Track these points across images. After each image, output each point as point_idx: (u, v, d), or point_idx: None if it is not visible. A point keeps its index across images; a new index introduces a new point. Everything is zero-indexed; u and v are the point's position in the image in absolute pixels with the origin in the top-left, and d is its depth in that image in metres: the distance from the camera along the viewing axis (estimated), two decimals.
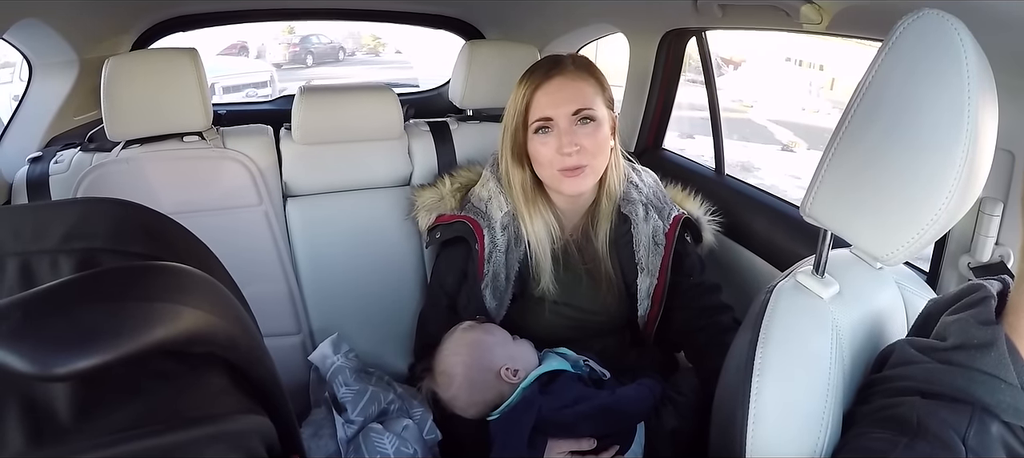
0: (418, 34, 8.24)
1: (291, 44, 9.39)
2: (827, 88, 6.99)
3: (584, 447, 0.92)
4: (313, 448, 1.00)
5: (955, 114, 0.51)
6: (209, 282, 0.36)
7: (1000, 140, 0.57)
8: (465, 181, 1.19)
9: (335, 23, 9.42)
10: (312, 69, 9.12)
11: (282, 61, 9.06)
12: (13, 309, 0.27)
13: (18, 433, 0.28)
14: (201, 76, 1.21)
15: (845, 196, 0.58)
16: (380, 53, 10.47)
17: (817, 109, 6.80)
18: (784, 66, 7.04)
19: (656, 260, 1.07)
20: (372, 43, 10.44)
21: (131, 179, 1.20)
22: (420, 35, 10.14)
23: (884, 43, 0.55)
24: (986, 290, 0.55)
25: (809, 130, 6.19)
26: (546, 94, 0.99)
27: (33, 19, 1.17)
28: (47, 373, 0.26)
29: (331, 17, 2.17)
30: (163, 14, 1.69)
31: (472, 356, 0.99)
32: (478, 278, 1.06)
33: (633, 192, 1.09)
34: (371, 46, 10.49)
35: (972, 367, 0.51)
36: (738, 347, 0.64)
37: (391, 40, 10.42)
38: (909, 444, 0.50)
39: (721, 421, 0.66)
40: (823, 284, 0.62)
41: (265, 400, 0.39)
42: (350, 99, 1.34)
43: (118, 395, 0.30)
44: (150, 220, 0.39)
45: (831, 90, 6.93)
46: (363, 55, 10.25)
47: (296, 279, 1.31)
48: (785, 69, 7.02)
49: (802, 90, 6.99)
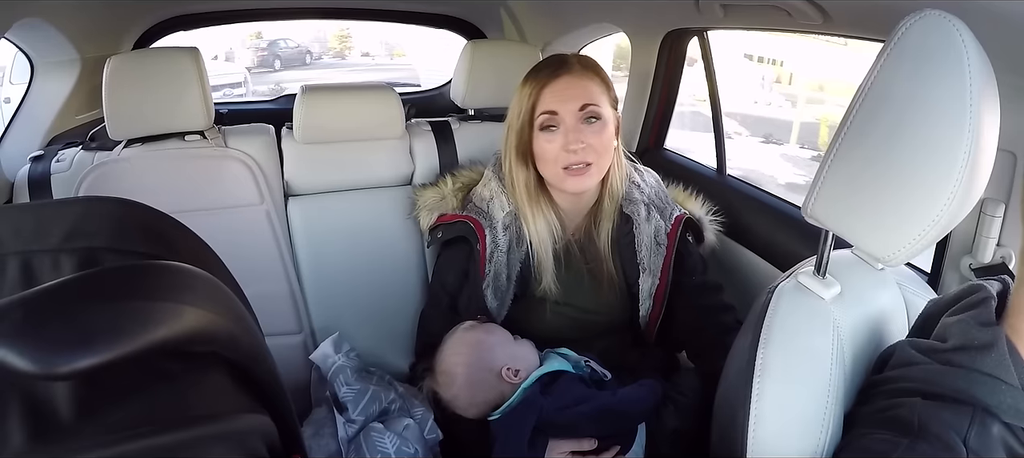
0: (389, 36, 8.25)
1: (259, 48, 9.54)
2: (785, 82, 7.67)
3: (585, 447, 0.92)
4: (314, 447, 1.00)
5: (957, 115, 0.51)
6: (210, 281, 0.36)
7: (1002, 141, 0.56)
8: (467, 181, 1.19)
9: (303, 26, 9.51)
10: (279, 73, 9.30)
11: (251, 65, 9.20)
12: (14, 308, 0.27)
13: (20, 432, 0.28)
14: (202, 75, 1.21)
15: (847, 197, 0.58)
16: (346, 56, 10.72)
17: (769, 102, 7.47)
18: (743, 62, 7.48)
19: (658, 260, 1.07)
20: (339, 46, 10.69)
21: (133, 178, 1.20)
22: (391, 38, 10.21)
23: (886, 44, 0.55)
24: (986, 291, 0.54)
25: (755, 120, 6.82)
26: (553, 92, 1.00)
27: (35, 18, 1.17)
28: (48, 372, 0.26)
29: (333, 16, 2.17)
30: (165, 13, 1.69)
31: (473, 356, 0.99)
32: (479, 278, 1.06)
33: (635, 192, 1.09)
34: (338, 49, 10.71)
35: (973, 368, 0.51)
36: (739, 348, 0.64)
37: (357, 43, 10.78)
38: (910, 445, 0.50)
39: (722, 421, 0.66)
40: (824, 285, 0.62)
41: (266, 399, 0.39)
42: (352, 98, 1.34)
43: (119, 394, 0.30)
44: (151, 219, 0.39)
45: (789, 84, 7.62)
46: (330, 58, 10.48)
47: (297, 278, 1.31)
48: (744, 64, 7.48)
49: (755, 84, 7.57)
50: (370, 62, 10.22)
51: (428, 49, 8.03)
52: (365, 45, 10.63)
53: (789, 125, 7.06)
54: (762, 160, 5.95)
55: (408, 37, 9.17)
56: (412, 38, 8.68)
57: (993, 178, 0.57)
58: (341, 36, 10.26)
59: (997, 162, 0.56)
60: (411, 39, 8.86)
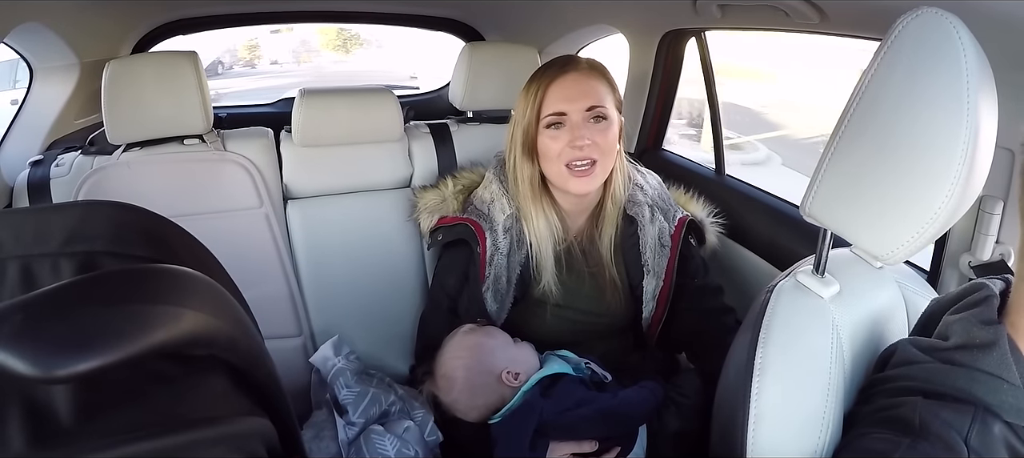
0: (296, 45, 8.49)
1: None
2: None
3: (586, 449, 0.92)
4: (314, 450, 0.99)
5: (954, 112, 0.51)
6: (210, 285, 0.36)
7: (1000, 138, 0.56)
8: (468, 183, 1.19)
9: (214, 38, 10.18)
10: None
11: None
12: (14, 311, 0.27)
13: (19, 435, 0.28)
14: (201, 79, 1.21)
15: (845, 195, 0.58)
16: (256, 65, 11.31)
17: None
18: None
19: (662, 262, 1.07)
20: (248, 56, 11.30)
21: (132, 182, 1.20)
22: (298, 46, 10.67)
23: (883, 42, 0.55)
24: (988, 289, 0.54)
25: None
26: (560, 89, 1.00)
27: (34, 22, 1.18)
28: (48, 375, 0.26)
29: (330, 19, 2.18)
30: (163, 17, 1.70)
31: (473, 359, 0.99)
32: (479, 281, 1.06)
33: (639, 194, 1.09)
34: (247, 58, 11.30)
35: (974, 367, 0.51)
36: (738, 347, 0.64)
37: (266, 52, 11.56)
38: (911, 445, 0.50)
39: (722, 422, 0.65)
40: (823, 283, 0.62)
41: (266, 402, 0.39)
42: (350, 101, 1.34)
43: (119, 397, 0.30)
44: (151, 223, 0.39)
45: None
46: (240, 68, 11.07)
47: (297, 281, 1.31)
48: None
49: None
50: (278, 69, 11.03)
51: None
52: (273, 54, 11.58)
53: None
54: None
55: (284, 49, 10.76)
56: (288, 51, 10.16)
57: (991, 175, 0.57)
58: (250, 47, 11.19)
59: (995, 159, 0.56)
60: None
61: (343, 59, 11.46)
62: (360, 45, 11.54)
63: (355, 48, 11.47)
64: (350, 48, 11.30)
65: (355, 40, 11.40)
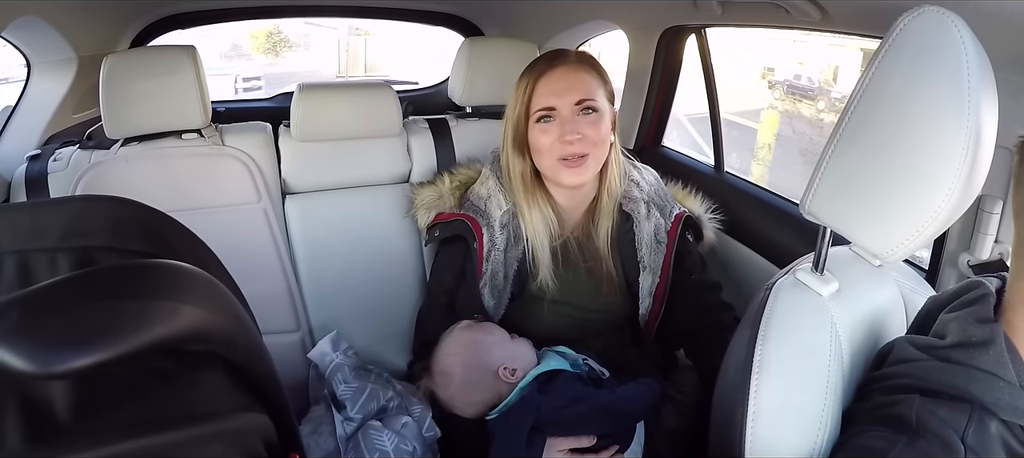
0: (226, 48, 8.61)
1: None
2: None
3: (583, 445, 0.92)
4: (312, 445, 1.00)
5: (955, 111, 0.51)
6: (207, 280, 0.36)
7: (1000, 137, 0.56)
8: (464, 179, 1.19)
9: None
10: None
11: None
12: (11, 307, 0.27)
13: (17, 432, 0.28)
14: (199, 74, 1.20)
15: (845, 193, 0.58)
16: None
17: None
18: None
19: (658, 258, 1.07)
20: None
21: (129, 177, 1.19)
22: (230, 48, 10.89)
23: (884, 40, 0.55)
24: (985, 288, 0.54)
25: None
26: (549, 83, 1.00)
27: (32, 17, 1.17)
28: (45, 371, 0.26)
29: (329, 14, 2.17)
30: (161, 12, 1.69)
31: (470, 355, 0.99)
32: (476, 277, 1.06)
33: (635, 190, 1.09)
34: None
35: (971, 365, 0.51)
36: (737, 344, 0.64)
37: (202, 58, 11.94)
38: (908, 442, 0.50)
39: (720, 419, 0.66)
40: (822, 281, 0.62)
41: (264, 398, 0.39)
42: (349, 96, 1.34)
43: (117, 394, 0.30)
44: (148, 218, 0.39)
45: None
46: None
47: (295, 277, 1.31)
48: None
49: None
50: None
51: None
52: (206, 60, 12.10)
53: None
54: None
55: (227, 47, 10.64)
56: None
57: (991, 175, 0.57)
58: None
59: (995, 159, 0.56)
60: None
61: (274, 62, 11.52)
62: (289, 48, 11.70)
63: (285, 51, 11.63)
64: (280, 52, 11.44)
65: (285, 43, 11.57)
